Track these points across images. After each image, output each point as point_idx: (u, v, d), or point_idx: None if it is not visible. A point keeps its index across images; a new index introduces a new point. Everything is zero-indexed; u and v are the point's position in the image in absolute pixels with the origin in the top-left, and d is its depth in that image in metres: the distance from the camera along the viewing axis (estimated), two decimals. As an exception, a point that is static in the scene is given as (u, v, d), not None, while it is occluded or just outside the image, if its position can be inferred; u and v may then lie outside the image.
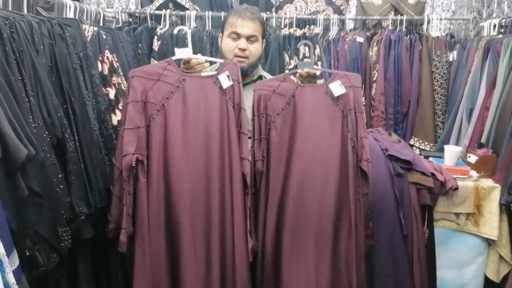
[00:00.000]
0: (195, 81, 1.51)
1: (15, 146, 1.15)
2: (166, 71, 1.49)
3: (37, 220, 1.27)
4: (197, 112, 1.49)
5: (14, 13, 1.44)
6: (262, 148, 1.55)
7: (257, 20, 1.73)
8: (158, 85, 1.47)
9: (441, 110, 2.70)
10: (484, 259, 1.95)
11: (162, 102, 1.47)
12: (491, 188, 1.91)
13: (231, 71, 1.53)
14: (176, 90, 1.48)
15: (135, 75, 1.47)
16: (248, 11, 1.72)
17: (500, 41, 2.13)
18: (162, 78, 1.48)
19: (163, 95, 1.47)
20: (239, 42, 1.71)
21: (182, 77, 1.50)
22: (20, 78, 1.31)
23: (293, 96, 1.55)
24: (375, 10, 3.02)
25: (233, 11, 1.77)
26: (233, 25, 1.70)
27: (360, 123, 1.56)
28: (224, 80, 1.51)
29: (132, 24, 2.85)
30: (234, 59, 1.69)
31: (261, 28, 1.76)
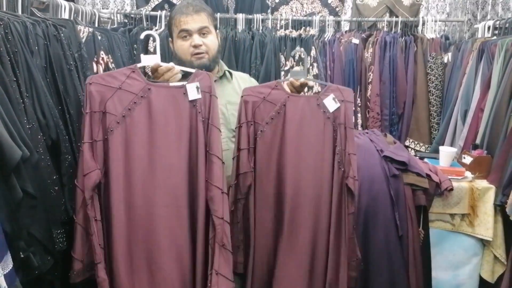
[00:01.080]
0: (162, 91, 1.37)
1: (9, 147, 1.14)
2: (129, 79, 1.34)
3: (32, 222, 1.26)
4: (164, 126, 1.35)
5: (9, 14, 1.43)
6: (251, 159, 1.47)
7: (202, 11, 1.60)
8: (119, 95, 1.33)
9: (436, 112, 2.71)
10: (479, 260, 1.96)
11: (123, 113, 1.33)
12: (486, 189, 1.92)
13: (202, 83, 1.40)
14: (140, 101, 1.34)
15: (93, 82, 1.33)
16: (191, 5, 1.60)
17: (494, 43, 2.14)
18: (124, 87, 1.33)
19: (125, 106, 1.33)
20: (191, 39, 1.59)
21: (147, 87, 1.35)
22: (14, 79, 1.30)
23: (284, 106, 1.47)
24: (370, 12, 3.03)
25: (175, 10, 1.63)
26: (179, 23, 1.58)
27: (350, 139, 1.50)
28: (192, 91, 1.38)
29: (127, 25, 2.84)
30: (192, 59, 1.59)
31: (210, 19, 1.63)
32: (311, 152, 1.47)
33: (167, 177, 1.35)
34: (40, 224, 1.30)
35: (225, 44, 2.70)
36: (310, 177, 1.47)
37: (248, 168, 1.46)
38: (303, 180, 1.48)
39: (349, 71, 2.74)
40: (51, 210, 1.36)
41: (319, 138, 1.48)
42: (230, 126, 1.64)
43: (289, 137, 1.47)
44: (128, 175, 1.33)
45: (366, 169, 1.84)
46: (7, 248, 1.14)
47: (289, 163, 1.47)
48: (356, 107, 2.76)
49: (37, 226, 1.28)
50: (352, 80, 2.75)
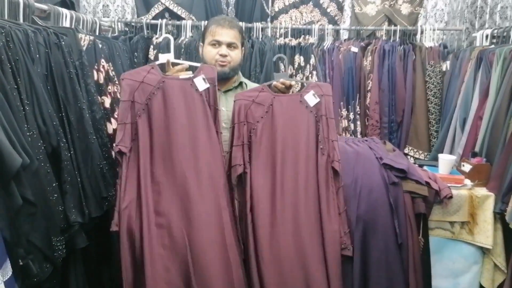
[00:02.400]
0: (173, 82, 1.63)
1: (10, 154, 1.15)
2: (149, 74, 1.62)
3: (31, 229, 1.26)
4: (176, 112, 1.60)
5: (10, 22, 1.44)
6: (244, 154, 1.65)
7: (236, 28, 1.83)
8: (142, 86, 1.61)
9: (435, 119, 2.72)
10: (479, 268, 1.96)
11: (146, 101, 1.60)
12: (485, 196, 1.92)
13: (207, 74, 1.65)
14: (156, 91, 1.61)
15: (124, 78, 1.62)
16: (227, 20, 1.83)
17: (492, 51, 2.16)
18: (146, 80, 1.61)
19: (146, 95, 1.60)
20: (220, 49, 1.80)
21: (162, 79, 1.62)
22: (15, 86, 1.31)
23: (271, 105, 1.69)
24: (369, 20, 3.06)
25: (213, 21, 1.86)
26: (214, 33, 1.80)
27: (331, 128, 1.70)
28: (200, 83, 1.63)
29: (128, 33, 2.85)
30: (216, 64, 1.79)
31: (240, 36, 1.85)
32: (298, 142, 1.67)
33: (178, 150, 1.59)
34: (39, 232, 1.30)
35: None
36: (299, 164, 1.65)
37: (239, 161, 1.65)
38: (293, 167, 1.65)
39: (348, 79, 2.75)
40: (50, 218, 1.36)
41: (304, 129, 1.68)
42: None
43: (278, 131, 1.66)
44: (151, 150, 1.60)
45: (366, 177, 1.84)
46: (7, 255, 1.14)
47: (279, 153, 1.65)
48: (355, 114, 2.77)
49: (36, 234, 1.28)
50: (351, 88, 2.76)
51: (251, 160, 1.66)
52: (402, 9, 3.06)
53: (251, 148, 1.67)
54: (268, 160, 1.66)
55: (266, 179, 1.65)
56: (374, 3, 3.07)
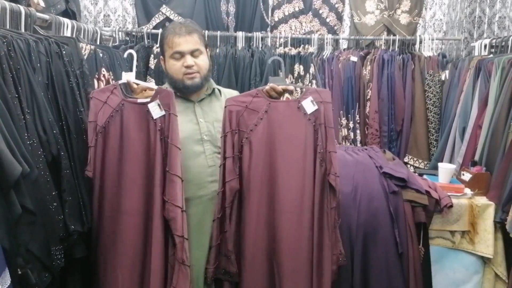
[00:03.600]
0: (131, 107, 1.52)
1: (10, 163, 1.14)
2: (112, 95, 1.53)
3: (30, 238, 1.25)
4: (131, 139, 1.50)
5: (12, 32, 1.45)
6: (236, 166, 1.53)
7: (194, 33, 1.63)
8: (104, 108, 1.52)
9: (434, 128, 2.73)
10: (480, 278, 1.94)
11: (104, 125, 1.52)
12: (486, 205, 1.92)
13: (163, 100, 1.48)
14: (115, 114, 1.52)
15: (93, 96, 1.55)
16: (183, 26, 1.63)
17: (491, 61, 2.17)
18: (108, 101, 1.53)
19: (106, 118, 1.52)
20: (183, 60, 1.61)
21: (121, 102, 1.53)
22: (16, 95, 1.31)
23: (266, 112, 1.55)
24: (368, 30, 3.08)
25: (167, 30, 1.66)
26: (172, 44, 1.61)
27: (329, 138, 1.56)
28: (154, 109, 1.48)
29: (129, 43, 2.87)
30: (184, 78, 1.62)
31: (201, 40, 1.66)
32: (294, 153, 1.54)
33: (127, 188, 1.50)
34: (38, 241, 1.29)
35: (225, 62, 2.73)
36: (295, 177, 1.54)
37: (234, 175, 1.52)
38: (289, 180, 1.54)
39: (347, 89, 2.76)
40: (49, 227, 1.36)
41: (301, 139, 1.55)
42: (216, 143, 1.65)
43: (273, 141, 1.54)
44: (102, 180, 1.53)
45: (365, 186, 1.84)
46: (5, 264, 1.13)
47: (274, 165, 1.54)
48: (355, 123, 2.78)
49: (35, 243, 1.28)
50: (351, 97, 2.77)
51: (242, 173, 1.54)
52: (401, 19, 3.09)
53: (242, 159, 1.54)
54: (261, 172, 1.54)
55: (259, 193, 1.54)
56: (373, 13, 3.09)
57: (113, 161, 1.50)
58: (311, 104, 1.55)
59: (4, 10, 1.53)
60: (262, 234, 1.55)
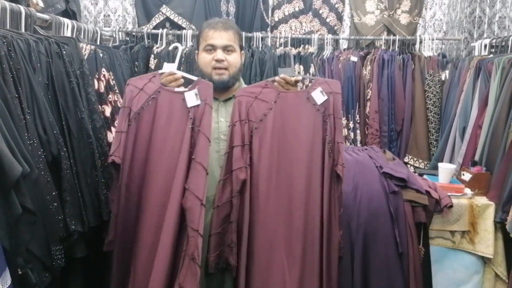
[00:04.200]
0: (167, 94, 1.53)
1: (10, 163, 1.15)
2: (150, 82, 1.54)
3: (30, 238, 1.25)
4: (161, 125, 1.52)
5: (12, 32, 1.45)
6: (245, 155, 1.52)
7: (230, 30, 1.65)
8: (140, 94, 1.53)
9: (435, 128, 2.73)
10: (480, 278, 1.95)
11: (139, 110, 1.52)
12: (486, 205, 1.92)
13: (201, 91, 1.51)
14: (151, 101, 1.53)
15: (129, 83, 1.56)
16: (221, 22, 1.66)
17: (491, 61, 2.17)
18: (145, 88, 1.54)
19: (141, 104, 1.52)
20: (215, 53, 1.63)
21: (158, 89, 1.54)
22: (16, 95, 1.31)
23: (275, 102, 1.56)
24: (368, 30, 3.08)
25: (206, 24, 1.69)
26: (207, 37, 1.63)
27: (338, 129, 1.57)
28: (190, 98, 1.50)
29: (129, 43, 2.87)
30: (212, 73, 1.63)
31: (237, 38, 1.68)
32: (303, 143, 1.55)
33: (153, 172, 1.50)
34: (38, 241, 1.30)
35: (225, 62, 2.73)
36: (303, 166, 1.54)
37: (242, 164, 1.52)
38: (298, 170, 1.54)
39: (347, 88, 2.76)
40: (50, 227, 1.36)
41: (310, 129, 1.56)
42: None
43: (282, 131, 1.55)
44: (131, 164, 1.51)
45: (366, 186, 1.84)
46: (6, 264, 1.13)
47: (283, 155, 1.54)
48: (355, 123, 2.78)
49: (35, 243, 1.28)
50: (351, 97, 2.77)
51: (252, 163, 1.54)
52: (401, 19, 3.09)
53: (252, 149, 1.54)
54: (270, 162, 1.54)
55: (268, 182, 1.53)
56: (373, 13, 3.09)
57: (142, 147, 1.51)
58: (320, 94, 1.56)
59: (4, 10, 1.54)
60: (271, 224, 1.54)
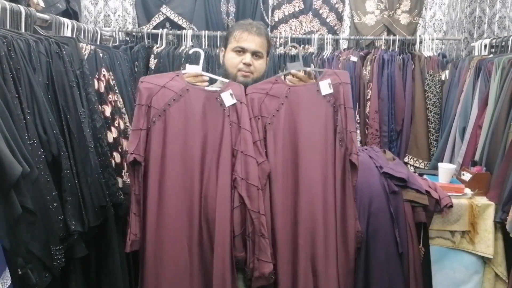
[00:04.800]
0: (198, 93, 1.54)
1: (10, 163, 1.15)
2: (173, 81, 1.54)
3: (30, 238, 1.25)
4: (195, 122, 1.52)
5: (12, 32, 1.45)
6: (262, 150, 1.55)
7: (263, 36, 1.67)
8: (162, 92, 1.52)
9: (435, 128, 2.73)
10: (480, 278, 1.95)
11: (164, 108, 1.51)
12: (486, 205, 1.92)
13: (235, 91, 1.54)
14: (178, 98, 1.52)
15: (143, 81, 1.53)
16: (255, 26, 1.67)
17: (491, 61, 2.17)
18: (168, 86, 1.52)
19: (166, 102, 1.51)
20: (244, 56, 1.64)
21: (186, 87, 1.53)
22: (16, 95, 1.32)
23: (286, 97, 1.58)
24: (368, 30, 3.08)
25: (239, 25, 1.70)
26: (239, 39, 1.64)
27: (349, 118, 1.60)
28: (227, 98, 1.53)
29: (129, 43, 2.88)
30: (238, 74, 1.65)
31: (267, 45, 1.70)
32: (316, 134, 1.58)
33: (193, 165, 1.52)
34: (38, 241, 1.30)
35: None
36: (317, 158, 1.57)
37: (264, 157, 1.56)
38: (311, 162, 1.57)
39: (347, 88, 2.76)
40: (50, 226, 1.36)
41: (321, 120, 1.58)
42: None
43: (295, 124, 1.58)
44: (163, 160, 1.51)
45: (366, 186, 1.84)
46: (6, 264, 1.13)
47: (297, 148, 1.57)
48: (355, 123, 2.78)
49: (35, 243, 1.28)
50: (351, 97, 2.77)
51: (267, 157, 1.56)
52: (401, 19, 3.09)
53: (266, 144, 1.57)
54: (285, 156, 1.56)
55: (284, 176, 1.56)
56: (373, 13, 3.09)
57: (174, 143, 1.51)
58: (327, 86, 1.58)
59: (4, 10, 1.54)
60: (290, 217, 1.57)
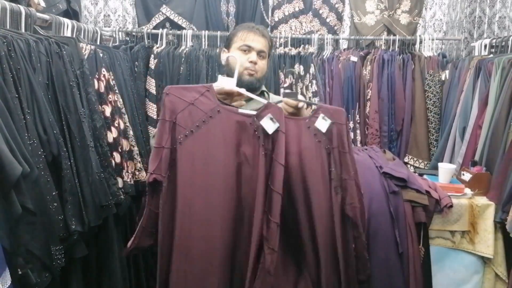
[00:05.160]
0: (230, 116, 1.37)
1: (10, 163, 1.15)
2: (202, 97, 1.36)
3: (30, 238, 1.25)
4: (227, 150, 1.36)
5: (12, 32, 1.45)
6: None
7: (266, 37, 1.72)
8: (190, 109, 1.35)
9: (435, 128, 2.73)
10: (480, 278, 1.95)
11: (192, 128, 1.35)
12: (486, 205, 1.92)
13: (275, 115, 1.35)
14: (208, 120, 1.35)
15: (169, 93, 1.36)
16: (259, 28, 1.72)
17: (491, 61, 2.17)
18: (197, 103, 1.36)
19: (194, 122, 1.35)
20: (250, 55, 1.66)
21: (217, 108, 1.36)
22: (16, 95, 1.32)
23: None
24: (368, 30, 3.08)
25: (243, 27, 1.74)
26: (245, 38, 1.68)
27: (344, 164, 1.40)
28: (268, 124, 1.34)
29: (129, 43, 2.87)
30: (244, 72, 1.64)
31: (269, 46, 1.74)
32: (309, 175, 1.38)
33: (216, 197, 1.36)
34: (38, 241, 1.30)
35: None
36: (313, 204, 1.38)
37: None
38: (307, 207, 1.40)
39: (347, 88, 2.76)
40: (50, 226, 1.36)
41: (315, 161, 1.38)
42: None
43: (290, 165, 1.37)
44: (193, 186, 1.36)
45: (366, 186, 1.83)
46: (6, 264, 1.13)
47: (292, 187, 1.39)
48: (355, 123, 2.78)
49: (35, 243, 1.28)
50: (351, 97, 2.77)
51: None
52: (401, 19, 3.09)
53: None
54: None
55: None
56: (373, 13, 3.09)
57: (202, 168, 1.35)
58: (323, 121, 1.39)
59: (4, 10, 1.54)
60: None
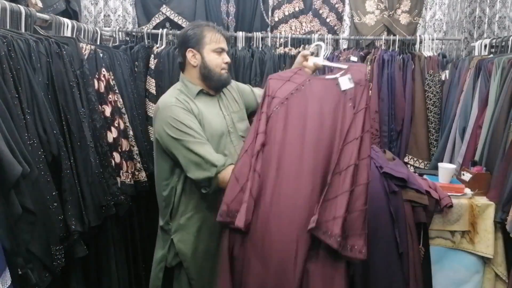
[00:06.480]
0: (319, 81, 1.63)
1: (10, 163, 1.15)
2: (296, 75, 1.67)
3: (30, 238, 1.25)
4: (315, 108, 1.57)
5: (12, 32, 1.45)
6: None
7: (227, 37, 1.86)
8: (286, 84, 1.64)
9: (435, 128, 2.73)
10: (480, 278, 1.95)
11: (286, 97, 1.61)
12: (486, 205, 1.92)
13: (354, 75, 1.57)
14: (300, 88, 1.62)
15: (272, 78, 1.69)
16: (220, 28, 1.83)
17: (491, 61, 2.17)
18: (292, 79, 1.65)
19: (288, 92, 1.62)
20: (223, 56, 1.79)
21: (308, 79, 1.64)
22: (16, 95, 1.32)
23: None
24: (368, 30, 3.08)
25: (209, 28, 1.80)
26: (219, 41, 1.78)
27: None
28: (344, 82, 1.56)
29: (129, 43, 2.87)
30: (222, 72, 1.77)
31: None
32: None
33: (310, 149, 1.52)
34: (38, 240, 1.30)
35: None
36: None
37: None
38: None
39: (347, 88, 2.76)
40: (50, 226, 1.36)
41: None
42: (238, 134, 1.80)
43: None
44: (283, 143, 1.55)
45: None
46: (6, 264, 1.13)
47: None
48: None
49: (35, 243, 1.28)
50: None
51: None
52: (401, 19, 3.09)
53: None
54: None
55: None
56: (373, 13, 3.09)
57: (295, 128, 1.56)
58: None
59: (4, 10, 1.54)
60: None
